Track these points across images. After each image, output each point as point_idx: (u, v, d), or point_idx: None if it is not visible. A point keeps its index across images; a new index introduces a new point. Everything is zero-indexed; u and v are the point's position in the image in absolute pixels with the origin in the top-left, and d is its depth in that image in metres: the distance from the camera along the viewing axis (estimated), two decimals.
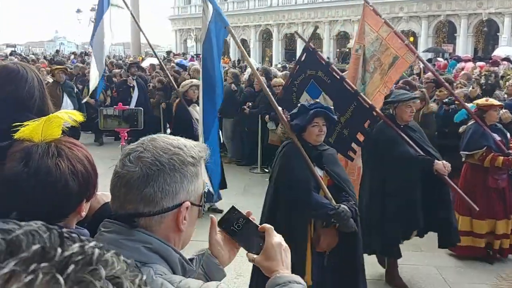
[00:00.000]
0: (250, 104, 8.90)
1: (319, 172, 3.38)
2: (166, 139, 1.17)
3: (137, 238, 1.10)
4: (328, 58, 33.36)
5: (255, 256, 1.33)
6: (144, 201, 1.11)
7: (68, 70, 9.48)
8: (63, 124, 1.35)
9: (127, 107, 4.59)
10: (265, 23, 44.50)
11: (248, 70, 11.56)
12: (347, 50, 38.13)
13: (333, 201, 3.29)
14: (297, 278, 1.27)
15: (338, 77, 4.39)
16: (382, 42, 4.81)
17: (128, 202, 1.12)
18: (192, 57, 26.62)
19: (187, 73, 10.94)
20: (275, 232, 1.33)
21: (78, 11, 34.03)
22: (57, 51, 32.58)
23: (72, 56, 24.83)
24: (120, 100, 7.56)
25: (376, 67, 4.88)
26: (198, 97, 5.23)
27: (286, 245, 1.33)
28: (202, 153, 1.20)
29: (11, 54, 21.28)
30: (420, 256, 5.39)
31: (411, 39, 37.76)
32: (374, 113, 4.29)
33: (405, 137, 4.34)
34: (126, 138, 3.74)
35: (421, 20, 35.28)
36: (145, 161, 1.11)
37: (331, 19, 40.13)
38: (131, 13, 6.31)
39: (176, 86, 6.90)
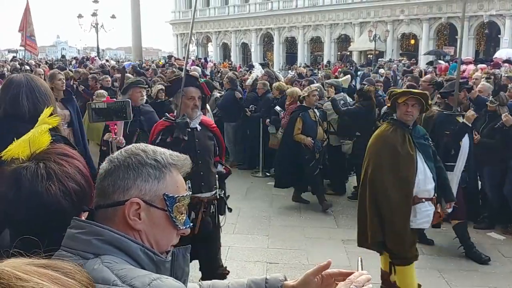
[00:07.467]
0: (253, 108, 8.87)
1: None
2: (140, 145, 1.26)
3: (88, 230, 1.13)
4: (328, 61, 33.43)
5: None
6: (100, 194, 1.21)
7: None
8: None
9: (115, 99, 4.40)
10: (266, 27, 44.57)
11: (253, 75, 11.45)
12: (348, 53, 38.19)
13: None
14: None
15: None
16: None
17: (96, 196, 1.24)
18: (193, 61, 26.65)
19: None
20: None
21: (80, 16, 34.00)
22: (63, 56, 32.53)
23: (74, 61, 24.81)
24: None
25: None
26: None
27: None
28: (175, 162, 1.24)
29: (12, 60, 21.25)
30: (422, 259, 5.36)
31: (412, 41, 37.85)
32: None
33: None
34: (115, 131, 3.66)
35: (422, 23, 35.28)
36: (108, 159, 1.24)
37: (332, 22, 40.16)
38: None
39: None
